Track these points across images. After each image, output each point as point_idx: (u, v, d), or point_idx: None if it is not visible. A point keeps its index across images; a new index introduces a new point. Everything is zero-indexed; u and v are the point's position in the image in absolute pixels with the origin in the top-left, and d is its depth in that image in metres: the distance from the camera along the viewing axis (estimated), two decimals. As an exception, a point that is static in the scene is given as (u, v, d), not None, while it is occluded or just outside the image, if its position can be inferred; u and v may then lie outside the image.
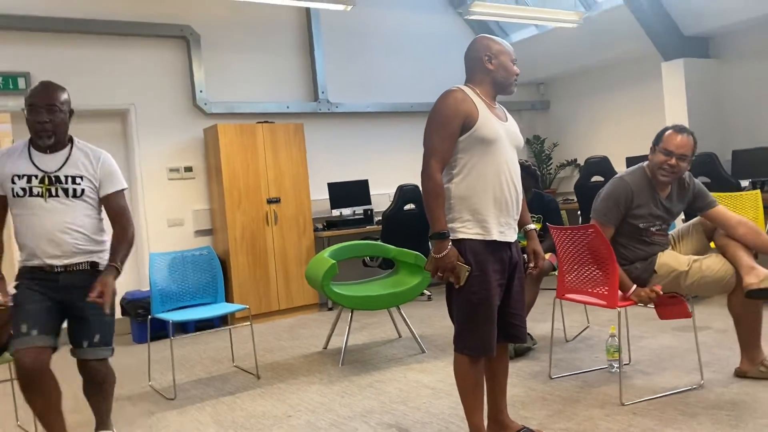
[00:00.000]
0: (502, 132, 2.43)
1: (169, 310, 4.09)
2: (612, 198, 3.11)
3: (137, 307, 5.32)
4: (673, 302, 2.98)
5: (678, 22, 6.04)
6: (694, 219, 3.32)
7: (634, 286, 3.02)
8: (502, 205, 2.40)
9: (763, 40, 5.92)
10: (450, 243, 2.32)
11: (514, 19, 6.29)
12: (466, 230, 2.37)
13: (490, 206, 2.37)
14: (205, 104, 5.99)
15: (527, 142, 8.02)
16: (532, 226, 2.69)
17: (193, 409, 3.48)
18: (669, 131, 3.11)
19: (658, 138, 3.13)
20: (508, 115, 2.55)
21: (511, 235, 2.46)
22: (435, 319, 5.27)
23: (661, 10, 5.96)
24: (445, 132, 2.34)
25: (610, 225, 3.10)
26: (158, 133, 5.86)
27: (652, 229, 3.13)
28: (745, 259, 3.00)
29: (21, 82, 5.29)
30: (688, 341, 3.91)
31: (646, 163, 3.19)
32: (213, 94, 6.10)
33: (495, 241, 2.39)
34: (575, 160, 7.67)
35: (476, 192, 2.36)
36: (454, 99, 2.37)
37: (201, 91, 5.98)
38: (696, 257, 3.12)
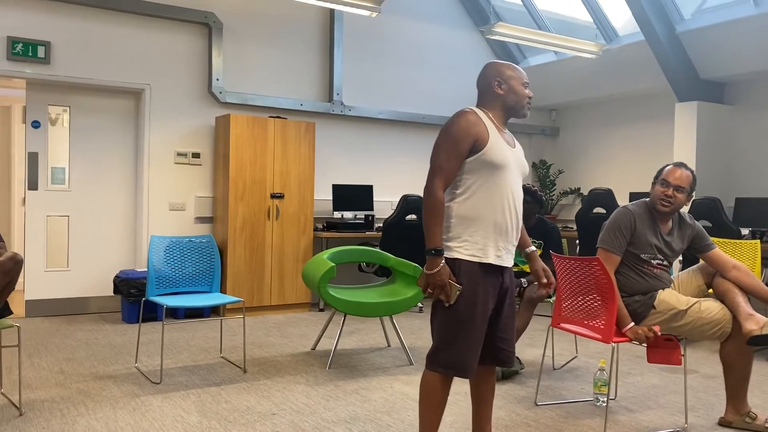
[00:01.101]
0: (510, 157, 2.45)
1: (162, 294, 4.09)
2: (616, 225, 3.18)
3: (130, 286, 5.31)
4: (667, 346, 3.00)
5: (696, 65, 6.09)
6: (694, 266, 3.35)
7: (632, 323, 3.04)
8: (502, 230, 2.42)
9: (778, 92, 5.97)
10: (443, 260, 2.34)
11: (534, 43, 6.33)
12: (462, 250, 2.38)
13: (490, 230, 2.39)
14: (220, 93, 6.01)
15: (533, 166, 8.05)
16: (533, 248, 2.71)
17: (177, 396, 3.48)
18: (669, 166, 3.23)
19: (659, 172, 3.25)
20: (516, 142, 2.59)
21: (508, 260, 2.48)
22: (425, 332, 5.28)
23: (680, 51, 6.01)
24: (454, 151, 2.37)
25: (617, 253, 3.13)
26: (170, 116, 5.87)
27: (654, 262, 3.16)
28: (744, 306, 3.02)
29: (41, 51, 5.29)
30: (674, 383, 3.93)
31: (647, 198, 3.26)
32: (229, 83, 6.11)
33: (491, 264, 2.41)
34: (579, 189, 7.70)
35: (478, 214, 2.39)
36: (466, 120, 2.39)
37: (217, 79, 6.00)
38: (695, 299, 3.14)
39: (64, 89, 5.59)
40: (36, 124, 5.52)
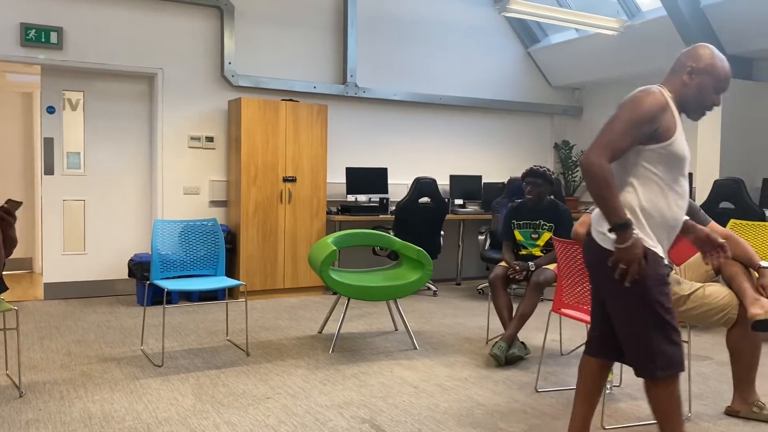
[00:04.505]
0: (688, 149, 2.26)
1: (169, 278, 4.12)
2: None
3: (144, 269, 5.37)
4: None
5: (722, 40, 5.84)
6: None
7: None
8: (673, 227, 2.26)
9: (809, 67, 5.70)
10: (635, 231, 2.12)
11: (552, 20, 6.14)
12: (645, 239, 2.19)
13: (663, 225, 2.23)
14: (233, 76, 5.99)
15: (555, 146, 7.87)
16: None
17: (176, 379, 3.50)
18: None
19: None
20: None
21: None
22: (435, 316, 5.23)
23: (705, 25, 5.77)
24: (633, 131, 2.15)
25: None
26: (183, 100, 5.89)
27: None
28: (750, 291, 2.90)
29: (53, 37, 5.34)
30: (687, 369, 3.79)
31: None
32: (241, 66, 6.09)
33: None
34: (602, 170, 7.50)
35: (656, 208, 2.21)
36: (658, 103, 2.16)
37: (230, 63, 5.98)
38: (700, 284, 3.02)
39: (77, 74, 5.64)
40: (51, 110, 5.59)
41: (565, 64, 7.40)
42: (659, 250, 2.21)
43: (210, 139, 6.01)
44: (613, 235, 2.16)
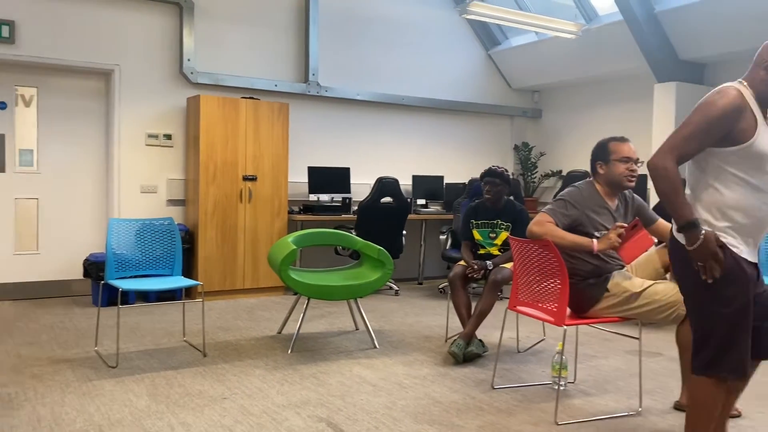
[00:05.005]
0: None
1: (124, 277, 4.04)
2: (563, 198, 3.15)
3: (99, 269, 5.26)
4: (634, 234, 2.96)
5: (675, 45, 5.99)
6: (651, 249, 3.31)
7: (594, 240, 2.99)
8: (759, 230, 2.20)
9: (757, 72, 5.88)
10: (703, 230, 2.10)
11: (511, 23, 6.22)
12: (724, 236, 2.16)
13: (753, 227, 2.18)
14: (192, 73, 5.92)
15: (515, 148, 7.98)
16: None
17: (131, 380, 3.44)
18: (613, 143, 3.19)
19: (606, 152, 3.17)
20: None
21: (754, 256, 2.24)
22: (396, 315, 5.25)
23: (659, 31, 5.91)
24: (701, 135, 2.13)
25: (554, 221, 3.07)
26: (141, 97, 5.78)
27: None
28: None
29: (5, 30, 5.19)
30: (637, 366, 3.89)
31: (591, 179, 3.25)
32: (201, 63, 6.02)
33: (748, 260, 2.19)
34: (560, 171, 7.63)
35: (744, 208, 2.16)
36: (731, 104, 2.11)
37: (189, 60, 5.90)
38: (650, 282, 3.10)
39: (31, 70, 5.50)
40: (2, 105, 5.44)
41: (524, 66, 7.50)
42: (741, 251, 2.16)
43: (168, 137, 5.92)
44: (682, 236, 2.17)
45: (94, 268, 5.30)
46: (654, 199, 5.76)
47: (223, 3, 6.13)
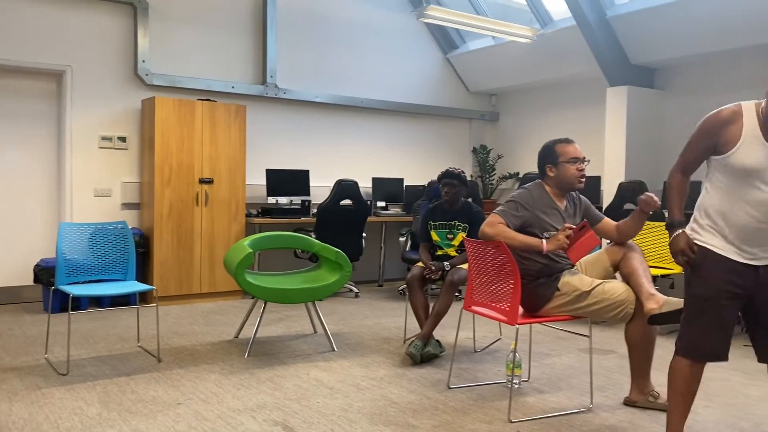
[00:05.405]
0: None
1: (75, 283, 3.96)
2: (514, 200, 3.22)
3: (50, 275, 5.13)
4: (581, 234, 3.02)
5: (626, 50, 6.15)
6: (600, 248, 3.38)
7: (544, 240, 3.06)
8: (744, 236, 2.36)
9: (705, 76, 6.07)
10: (678, 231, 2.45)
11: (468, 27, 6.30)
12: (698, 235, 2.45)
13: (729, 231, 2.37)
14: (147, 75, 5.82)
15: (473, 150, 8.06)
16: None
17: (82, 387, 3.37)
18: (559, 145, 3.27)
19: (553, 154, 3.25)
20: None
21: (761, 260, 2.38)
22: (356, 317, 5.25)
23: (611, 36, 6.06)
24: (694, 145, 2.45)
25: (505, 222, 3.13)
26: (94, 99, 5.67)
27: None
28: (646, 286, 3.06)
29: (-51, 29, 5.04)
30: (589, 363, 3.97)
31: (540, 180, 3.32)
32: (156, 65, 5.93)
33: (726, 257, 2.38)
34: (518, 173, 7.75)
35: (722, 212, 2.39)
36: (717, 118, 2.36)
37: (143, 61, 5.81)
38: (600, 280, 3.17)
39: (-23, 70, 5.34)
40: (-53, 107, 5.27)
41: (482, 70, 7.60)
42: (720, 249, 2.39)
43: (122, 140, 5.81)
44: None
45: (44, 273, 5.17)
46: (607, 200, 5.89)
47: (179, 3, 6.05)
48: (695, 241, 2.43)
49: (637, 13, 5.83)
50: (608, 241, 3.38)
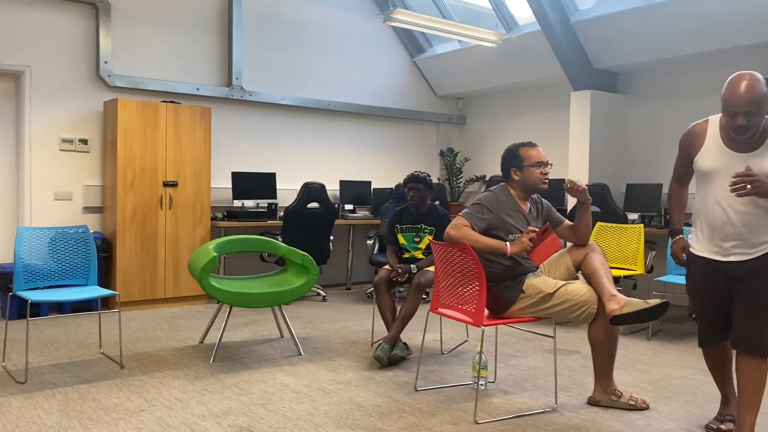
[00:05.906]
0: (725, 164, 2.61)
1: (35, 288, 3.86)
2: (480, 203, 3.24)
3: (8, 280, 5.00)
4: (544, 237, 3.06)
5: (590, 55, 6.25)
6: (562, 250, 3.42)
7: (507, 243, 3.10)
8: (714, 232, 2.69)
9: (668, 81, 6.21)
10: (677, 236, 2.91)
11: (434, 31, 6.33)
12: (691, 240, 2.86)
13: (704, 228, 2.74)
14: (109, 76, 5.72)
15: (441, 153, 8.11)
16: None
17: (41, 396, 3.28)
18: (523, 148, 3.31)
19: (518, 158, 3.29)
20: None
21: (731, 257, 2.67)
22: (323, 321, 5.23)
23: (574, 41, 6.15)
24: (678, 159, 2.88)
25: (470, 225, 3.15)
26: (54, 101, 5.54)
27: None
28: (608, 287, 3.11)
29: None
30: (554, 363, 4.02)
31: (504, 184, 3.36)
32: (118, 66, 5.83)
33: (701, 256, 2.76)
34: (485, 176, 7.82)
35: (697, 210, 2.78)
36: (688, 134, 2.78)
37: (105, 62, 5.70)
38: (563, 282, 3.21)
39: (-69, 70, 5.18)
40: None
41: (448, 74, 7.65)
42: (699, 250, 2.77)
43: (84, 142, 5.70)
44: None
45: (2, 279, 5.03)
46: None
47: (142, 4, 5.96)
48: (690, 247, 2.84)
49: (599, 18, 5.94)
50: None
